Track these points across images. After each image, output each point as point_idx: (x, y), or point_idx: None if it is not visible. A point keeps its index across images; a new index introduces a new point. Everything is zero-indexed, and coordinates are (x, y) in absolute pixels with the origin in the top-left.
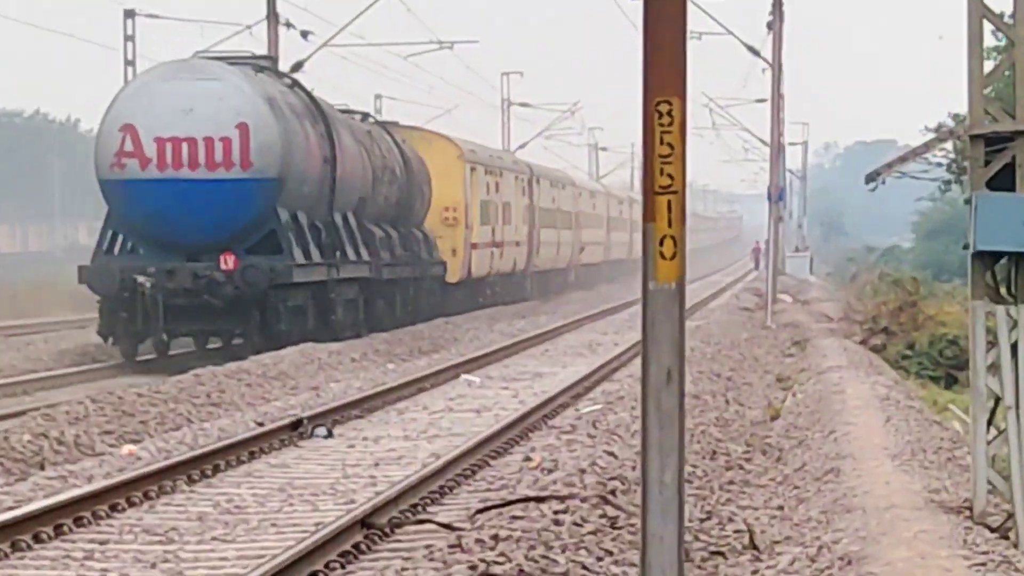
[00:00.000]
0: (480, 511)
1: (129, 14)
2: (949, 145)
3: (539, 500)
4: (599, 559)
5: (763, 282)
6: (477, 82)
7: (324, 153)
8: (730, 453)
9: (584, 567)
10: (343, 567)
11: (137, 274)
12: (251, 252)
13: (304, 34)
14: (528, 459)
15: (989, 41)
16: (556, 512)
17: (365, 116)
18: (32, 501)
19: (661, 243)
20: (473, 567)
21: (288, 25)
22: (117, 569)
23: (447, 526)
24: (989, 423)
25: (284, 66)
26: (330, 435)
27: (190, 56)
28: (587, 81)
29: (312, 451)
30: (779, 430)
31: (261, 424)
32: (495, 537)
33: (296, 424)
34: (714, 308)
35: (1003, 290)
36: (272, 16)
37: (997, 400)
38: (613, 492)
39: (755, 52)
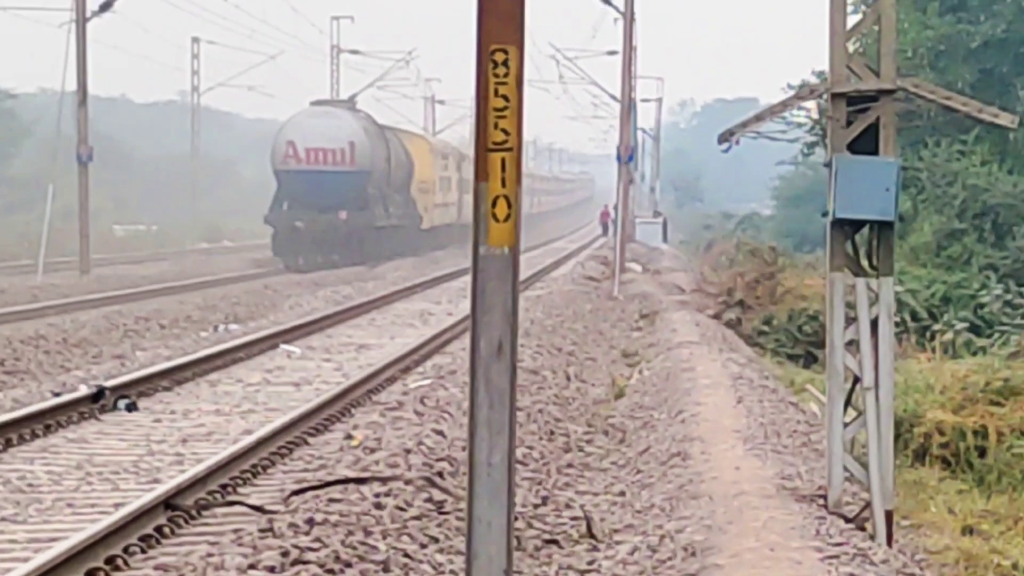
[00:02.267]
0: (295, 493)
1: None
2: (814, 105)
3: (359, 482)
4: (423, 546)
5: (611, 250)
6: (305, 26)
7: (384, 155)
8: (569, 434)
9: (406, 555)
10: (143, 551)
11: (295, 221)
12: (352, 210)
13: None
14: (349, 437)
15: None
16: (378, 495)
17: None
18: None
19: (494, 204)
20: (285, 553)
21: None
22: None
23: (259, 508)
24: (847, 405)
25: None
26: (134, 408)
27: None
28: (424, 28)
29: (114, 425)
30: (623, 410)
31: (58, 395)
32: (310, 521)
33: (97, 395)
34: (557, 277)
35: (864, 262)
36: None
37: (856, 380)
38: (440, 474)
39: (607, 0)
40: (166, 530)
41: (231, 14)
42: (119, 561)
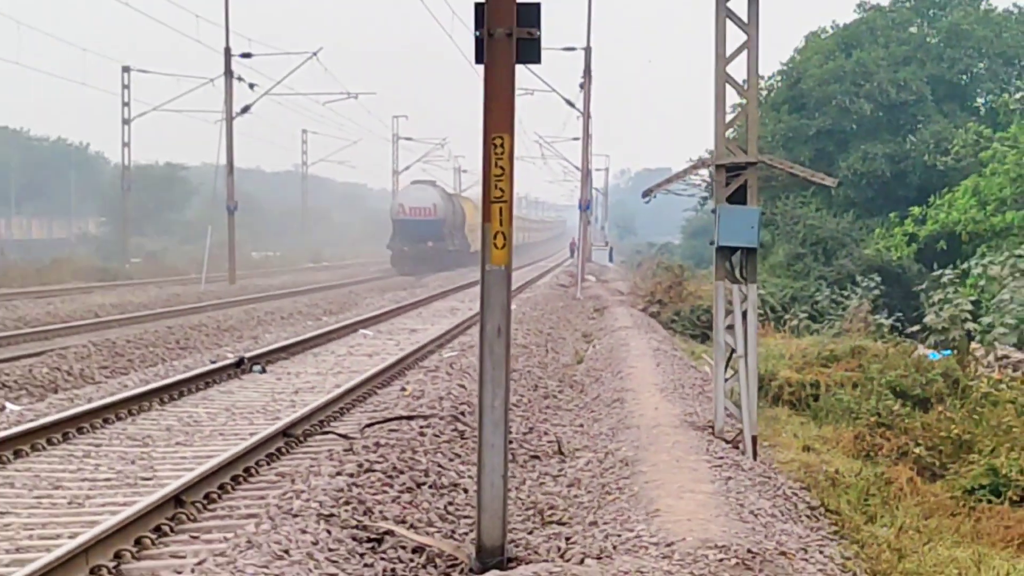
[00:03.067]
0: (368, 425)
1: (126, 69)
2: (705, 172)
3: (409, 418)
4: (450, 460)
5: (576, 267)
6: (374, 121)
7: (451, 210)
8: (547, 386)
9: (439, 465)
10: (268, 463)
11: (404, 247)
12: (436, 241)
13: (251, 86)
14: (403, 389)
15: (732, 97)
16: (421, 427)
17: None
18: (47, 415)
19: (495, 237)
20: (360, 465)
21: (239, 79)
22: (107, 464)
23: (344, 436)
24: (727, 367)
25: (236, 109)
26: (264, 371)
27: (413, 181)
28: (456, 122)
29: (250, 382)
30: (582, 371)
31: (214, 362)
32: (377, 444)
33: (239, 363)
34: (540, 285)
35: (737, 274)
36: (228, 73)
37: (732, 351)
38: (462, 413)
39: (571, 104)
40: (283, 450)
41: (327, 114)
42: (252, 470)
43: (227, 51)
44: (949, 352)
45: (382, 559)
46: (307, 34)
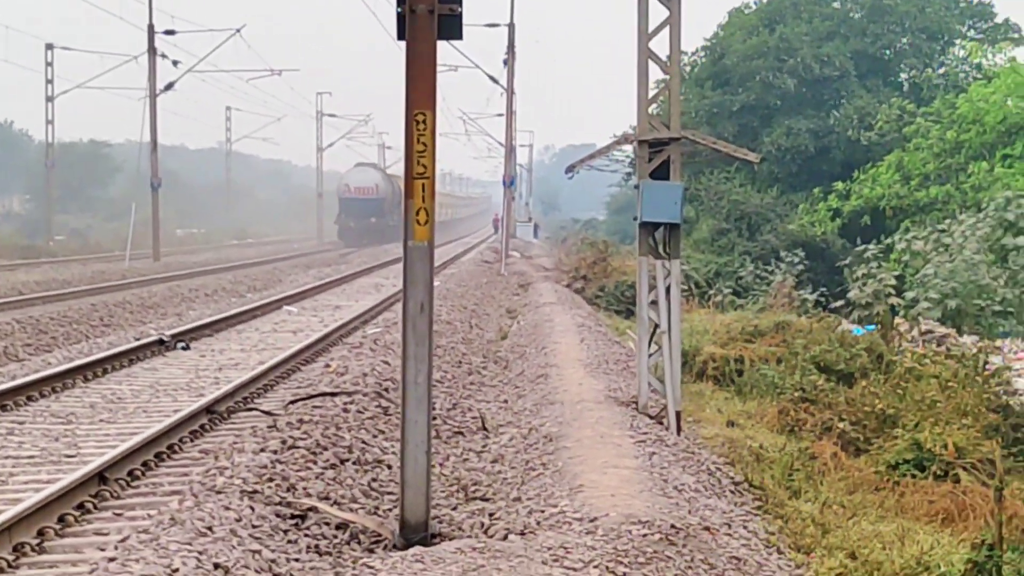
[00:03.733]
0: (291, 402)
1: (49, 46)
2: (630, 147)
3: (333, 395)
4: (374, 436)
5: (500, 243)
6: (298, 98)
7: (391, 189)
8: (472, 363)
9: (363, 442)
10: (192, 440)
11: (350, 223)
12: (378, 217)
13: (175, 63)
14: (327, 366)
15: (657, 73)
16: (345, 403)
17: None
18: None
19: (417, 214)
20: (284, 441)
21: (163, 56)
22: (30, 442)
23: (268, 412)
24: (650, 342)
25: (160, 86)
26: (187, 348)
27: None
28: (379, 98)
29: (174, 359)
30: (507, 347)
31: (138, 339)
32: (301, 420)
33: (162, 341)
34: (464, 261)
35: (660, 249)
36: (151, 50)
37: (656, 326)
38: (386, 390)
39: (495, 80)
40: (207, 426)
41: (251, 91)
42: (176, 447)
43: (150, 28)
44: (873, 327)
45: (306, 535)
46: (231, 11)
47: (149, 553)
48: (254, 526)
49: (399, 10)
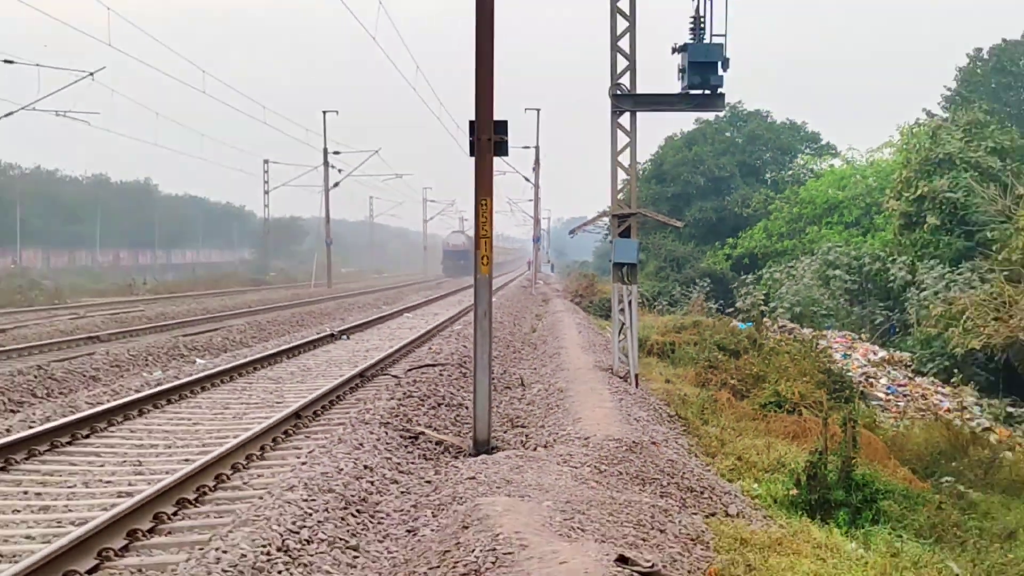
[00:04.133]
0: (409, 370)
1: (265, 161)
2: (606, 219)
3: (433, 365)
4: (458, 390)
5: (531, 276)
6: (412, 190)
7: (471, 245)
8: (514, 346)
9: (451, 393)
10: (351, 392)
11: (448, 264)
12: (464, 261)
13: (339, 171)
14: (431, 349)
15: (623, 174)
16: (441, 371)
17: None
18: (219, 366)
19: (481, 259)
20: (405, 393)
21: (333, 166)
22: (256, 395)
23: (395, 376)
24: (619, 333)
25: (331, 184)
26: (348, 338)
27: (451, 232)
28: (460, 188)
29: (340, 345)
30: (535, 337)
31: (319, 334)
32: (415, 380)
33: (332, 334)
34: (510, 287)
35: (625, 279)
36: (325, 163)
37: (623, 324)
38: (464, 362)
39: (527, 179)
40: (359, 384)
41: (384, 186)
42: (342, 396)
43: (325, 151)
44: (750, 324)
45: (418, 449)
46: (373, 137)
47: (326, 459)
48: (387, 443)
49: (471, 139)
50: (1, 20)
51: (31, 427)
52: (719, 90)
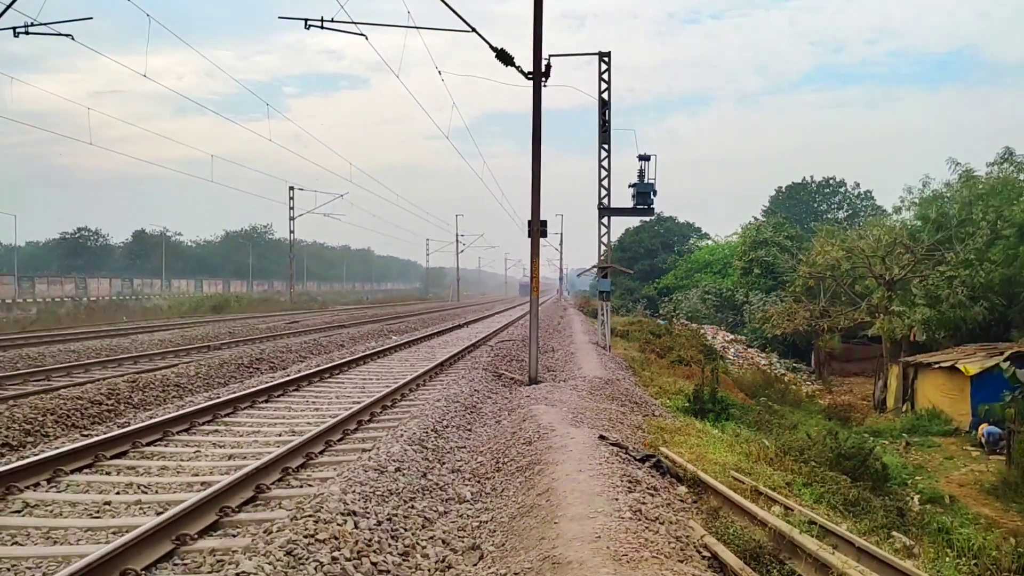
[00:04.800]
0: (497, 343)
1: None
2: (596, 269)
3: (509, 340)
4: (520, 353)
5: (557, 300)
6: (495, 254)
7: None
8: (549, 331)
9: (516, 353)
10: (469, 352)
11: (523, 291)
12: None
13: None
14: (489, 345)
15: (602, 248)
16: (513, 342)
17: None
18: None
19: (534, 288)
20: (495, 354)
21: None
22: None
23: (489, 345)
24: (602, 326)
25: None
26: (467, 327)
27: (522, 275)
28: (523, 250)
29: (466, 328)
30: (559, 326)
31: (453, 325)
32: (500, 345)
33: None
34: (547, 303)
35: (604, 299)
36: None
37: (603, 321)
38: (524, 340)
39: (557, 249)
40: (470, 349)
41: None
42: (459, 356)
43: (456, 238)
44: (666, 322)
45: (501, 382)
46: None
47: (454, 386)
48: (484, 379)
49: (529, 229)
50: None
51: (301, 371)
52: (651, 206)
